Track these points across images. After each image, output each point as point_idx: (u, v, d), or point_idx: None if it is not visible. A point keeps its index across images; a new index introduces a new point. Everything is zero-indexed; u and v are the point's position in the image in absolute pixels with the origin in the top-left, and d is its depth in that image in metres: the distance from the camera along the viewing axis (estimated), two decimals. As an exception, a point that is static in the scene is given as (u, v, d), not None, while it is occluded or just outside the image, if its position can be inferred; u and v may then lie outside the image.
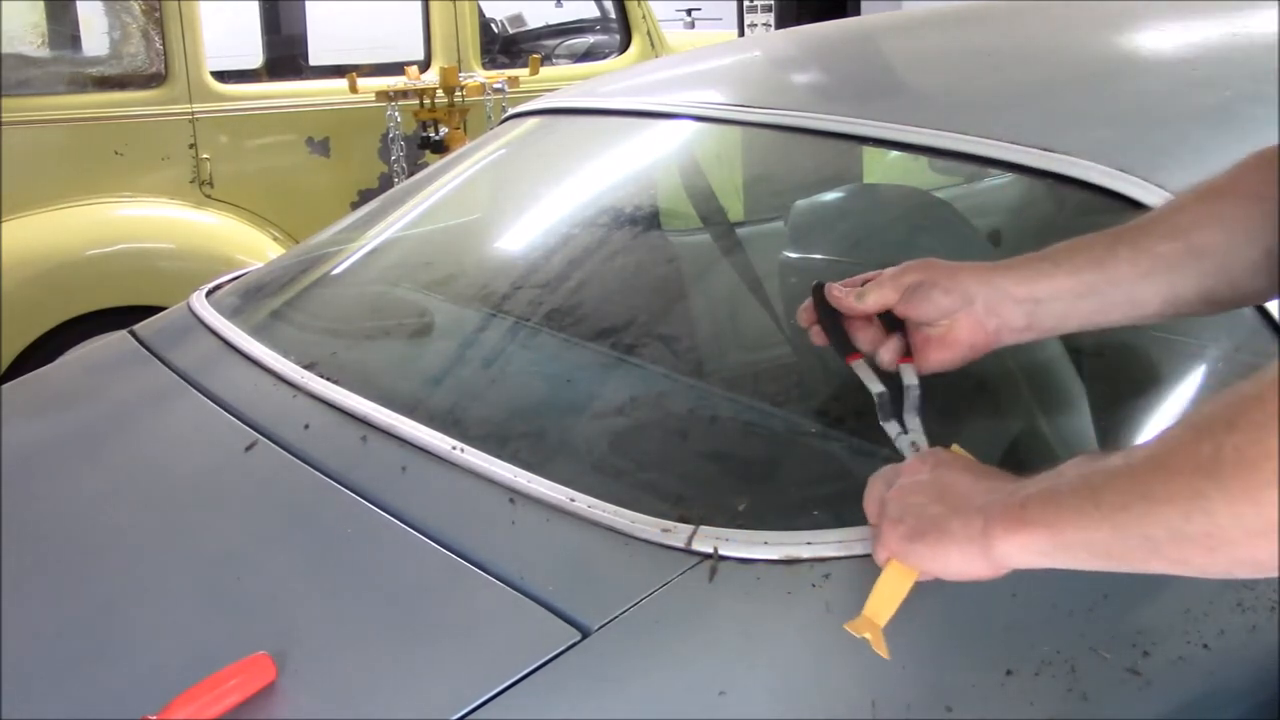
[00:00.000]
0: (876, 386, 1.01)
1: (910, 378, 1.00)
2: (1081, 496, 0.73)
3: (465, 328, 1.62)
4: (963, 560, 0.81)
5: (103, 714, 0.94)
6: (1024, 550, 0.77)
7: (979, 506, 0.80)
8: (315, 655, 0.96)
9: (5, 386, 1.70)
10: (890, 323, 1.02)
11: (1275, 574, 0.67)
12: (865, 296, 1.02)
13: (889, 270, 1.02)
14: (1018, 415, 1.18)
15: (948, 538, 0.81)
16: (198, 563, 1.14)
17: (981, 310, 0.98)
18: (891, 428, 0.99)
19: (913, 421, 0.99)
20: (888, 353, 1.02)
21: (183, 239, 3.78)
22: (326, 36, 4.34)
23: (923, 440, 0.98)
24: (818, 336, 1.05)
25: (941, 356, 1.00)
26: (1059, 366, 1.16)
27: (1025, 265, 0.99)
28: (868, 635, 0.85)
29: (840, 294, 1.03)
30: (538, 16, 5.30)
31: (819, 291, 1.05)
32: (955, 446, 0.92)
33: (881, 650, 0.85)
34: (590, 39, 5.04)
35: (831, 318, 1.04)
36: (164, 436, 1.44)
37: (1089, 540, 0.73)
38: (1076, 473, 0.75)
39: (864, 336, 1.03)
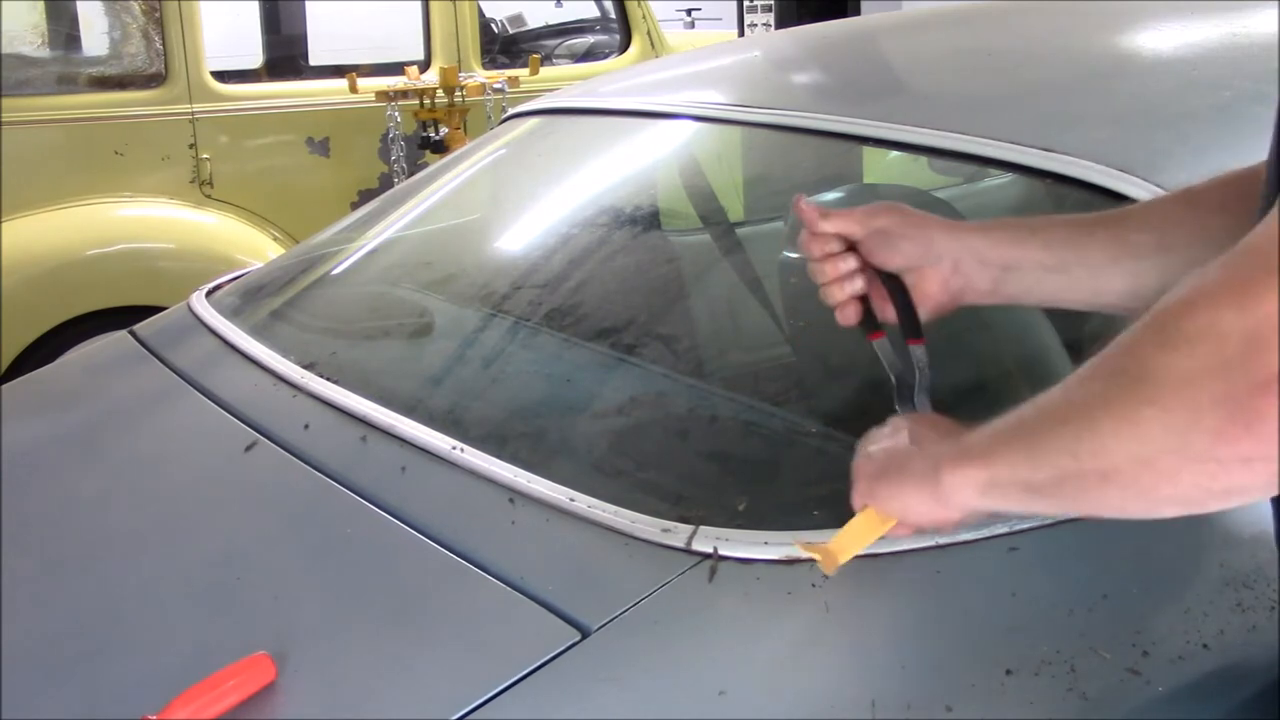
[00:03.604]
0: (895, 368, 1.01)
1: (921, 359, 1.00)
2: (1013, 431, 0.74)
3: (465, 328, 1.62)
4: (916, 499, 0.81)
5: (103, 714, 0.94)
6: (965, 485, 0.77)
7: (937, 449, 0.81)
8: (315, 655, 0.96)
9: (5, 386, 1.70)
10: (893, 288, 1.00)
11: (1177, 510, 0.67)
12: (829, 217, 1.00)
13: (863, 207, 1.01)
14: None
15: (905, 476, 0.82)
16: (198, 563, 1.14)
17: (948, 268, 0.97)
18: (906, 409, 1.00)
19: (923, 402, 0.99)
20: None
21: (183, 239, 3.77)
22: (326, 36, 4.34)
23: None
24: (845, 314, 1.03)
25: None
26: (1057, 365, 1.16)
27: (1001, 228, 0.98)
28: (817, 557, 0.88)
29: (807, 206, 1.01)
30: (538, 16, 5.29)
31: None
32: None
33: (827, 570, 0.87)
34: (590, 39, 5.04)
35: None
36: (164, 436, 1.44)
37: (1015, 475, 0.73)
38: (1018, 414, 0.75)
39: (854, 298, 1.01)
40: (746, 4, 5.09)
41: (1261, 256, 0.60)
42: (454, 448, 1.17)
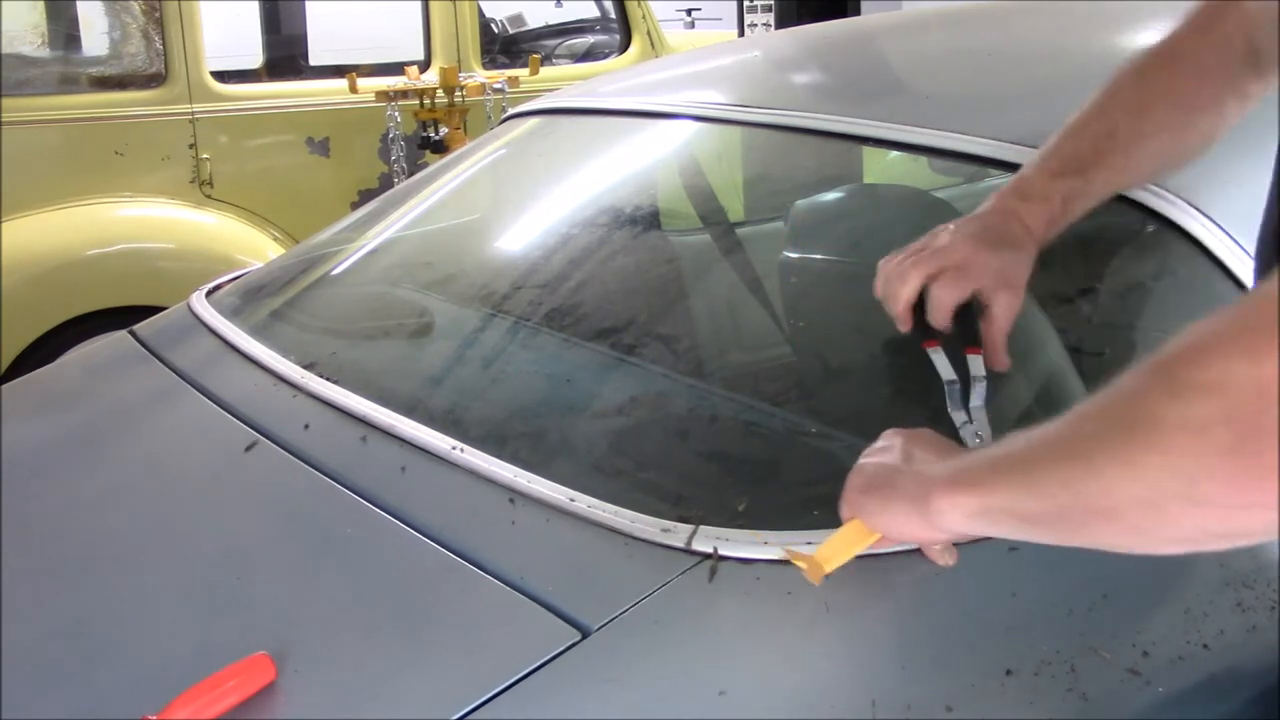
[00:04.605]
0: (948, 374, 1.02)
1: (978, 369, 1.01)
2: (1009, 461, 0.75)
3: (465, 328, 1.62)
4: (904, 518, 0.83)
5: (103, 714, 0.94)
6: (956, 511, 0.78)
7: (928, 470, 0.82)
8: (315, 655, 0.96)
9: (5, 386, 1.70)
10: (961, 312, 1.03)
11: (1175, 549, 0.68)
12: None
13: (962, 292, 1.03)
14: (1017, 417, 1.18)
15: (895, 493, 0.84)
16: (198, 563, 1.14)
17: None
18: (958, 416, 1.01)
19: (979, 413, 1.00)
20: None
21: (183, 239, 3.77)
22: (326, 36, 4.34)
23: (987, 431, 0.99)
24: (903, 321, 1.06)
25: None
26: (1059, 367, 1.16)
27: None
28: (803, 565, 0.88)
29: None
30: (538, 16, 5.30)
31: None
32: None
33: (813, 579, 0.88)
34: (590, 39, 5.04)
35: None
36: (164, 436, 1.44)
37: (1010, 505, 0.74)
38: (1015, 443, 0.76)
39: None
40: (746, 4, 5.09)
41: (1271, 310, 0.61)
42: (454, 448, 1.17)
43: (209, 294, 1.76)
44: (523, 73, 4.17)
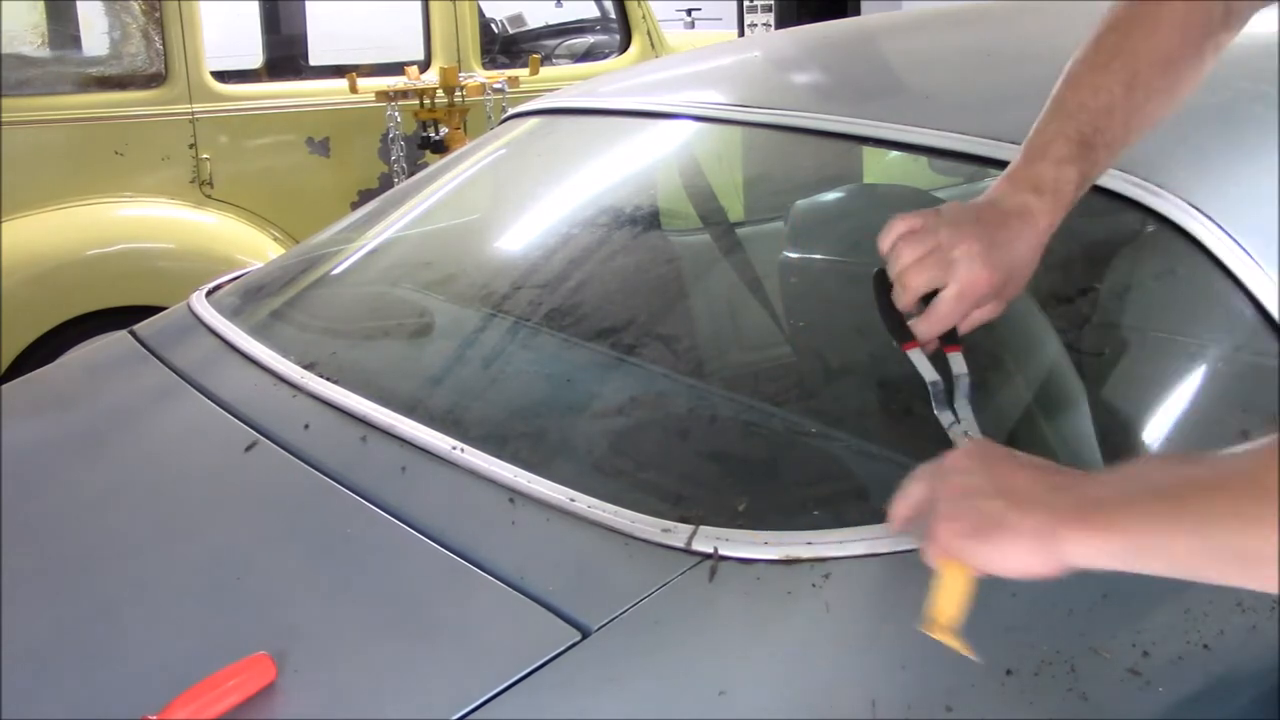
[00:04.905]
0: (930, 375, 1.01)
1: (960, 367, 1.00)
2: (1165, 504, 0.71)
3: (465, 328, 1.62)
4: (1025, 557, 0.77)
5: (103, 714, 0.94)
6: (1095, 551, 0.74)
7: (1045, 503, 0.77)
8: (315, 655, 0.96)
9: (5, 386, 1.70)
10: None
11: None
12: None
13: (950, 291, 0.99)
14: (1017, 416, 1.18)
15: (1011, 534, 0.77)
16: (198, 563, 1.14)
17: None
18: (945, 417, 1.00)
19: (965, 410, 0.99)
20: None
21: (183, 239, 3.77)
22: (326, 36, 4.34)
23: (975, 429, 0.99)
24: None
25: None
26: (1059, 367, 1.16)
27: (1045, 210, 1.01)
28: (955, 644, 0.83)
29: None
30: (538, 16, 5.30)
31: (879, 279, 1.05)
32: None
33: (966, 651, 0.83)
34: (590, 39, 5.04)
35: (888, 305, 1.04)
36: (164, 437, 1.44)
37: (1169, 548, 0.71)
38: (1154, 478, 0.73)
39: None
40: (746, 4, 5.10)
41: None
42: (454, 448, 1.17)
43: (209, 294, 1.76)
44: (523, 73, 4.17)
